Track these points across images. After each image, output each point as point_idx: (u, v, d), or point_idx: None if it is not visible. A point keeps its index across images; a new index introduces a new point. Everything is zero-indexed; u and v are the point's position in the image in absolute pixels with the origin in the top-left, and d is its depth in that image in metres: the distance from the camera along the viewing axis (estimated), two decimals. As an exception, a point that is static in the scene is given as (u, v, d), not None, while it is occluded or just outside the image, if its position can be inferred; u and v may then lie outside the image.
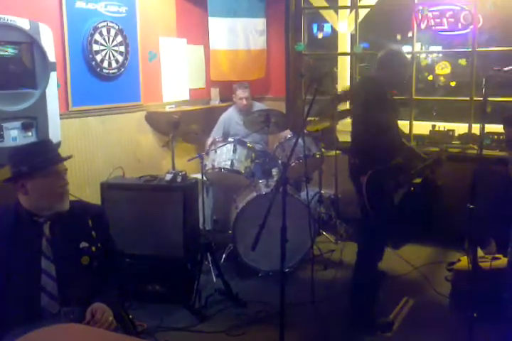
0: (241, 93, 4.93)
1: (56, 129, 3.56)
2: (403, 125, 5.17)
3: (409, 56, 5.19)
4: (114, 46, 4.34)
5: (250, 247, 2.45)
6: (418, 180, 4.85)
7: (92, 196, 3.58)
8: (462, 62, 6.75)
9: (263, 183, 4.25)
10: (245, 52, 5.57)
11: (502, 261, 3.38)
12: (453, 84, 7.09)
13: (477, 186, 2.75)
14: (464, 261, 3.60)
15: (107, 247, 2.35)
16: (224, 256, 4.24)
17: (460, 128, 5.20)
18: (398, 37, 7.50)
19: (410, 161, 3.51)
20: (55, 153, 2.28)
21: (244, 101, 4.92)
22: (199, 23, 5.28)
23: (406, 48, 6.55)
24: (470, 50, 4.91)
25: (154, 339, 3.10)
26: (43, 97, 3.47)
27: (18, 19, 3.31)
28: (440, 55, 7.14)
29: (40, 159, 2.18)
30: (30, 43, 3.41)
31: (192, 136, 4.19)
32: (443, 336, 3.15)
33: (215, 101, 5.51)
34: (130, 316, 2.35)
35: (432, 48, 7.14)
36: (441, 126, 5.28)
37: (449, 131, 5.21)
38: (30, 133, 3.39)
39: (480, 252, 3.62)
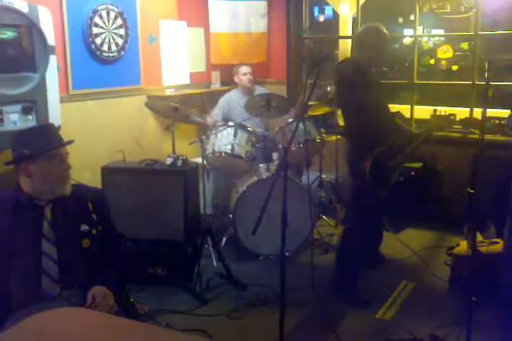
0: (244, 69, 4.90)
1: (56, 113, 3.55)
2: (404, 109, 5.18)
3: (411, 40, 5.17)
4: (113, 29, 4.30)
5: (251, 231, 2.46)
6: (418, 165, 4.87)
7: (93, 180, 3.57)
8: (464, 45, 6.70)
9: (264, 167, 4.25)
10: (246, 35, 5.52)
11: (501, 245, 3.40)
12: (455, 68, 7.04)
13: (478, 171, 2.75)
14: (463, 246, 3.61)
15: (107, 230, 2.37)
16: (224, 239, 4.26)
17: (461, 112, 5.18)
18: (400, 20, 7.43)
19: (404, 141, 3.50)
20: (57, 137, 2.28)
21: (249, 76, 4.88)
22: (199, 5, 5.22)
23: (408, 31, 6.51)
24: (472, 33, 4.87)
25: (155, 322, 3.13)
26: (42, 81, 3.45)
27: (16, 1, 3.27)
28: (442, 38, 7.09)
29: (43, 142, 2.18)
30: (29, 26, 3.37)
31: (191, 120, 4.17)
32: (442, 320, 3.16)
33: (216, 85, 5.48)
34: (131, 299, 2.37)
35: (434, 32, 7.09)
36: (443, 110, 5.26)
37: (450, 115, 5.19)
38: (30, 117, 3.38)
39: (479, 236, 3.64)
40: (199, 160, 4.17)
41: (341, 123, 4.95)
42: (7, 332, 1.59)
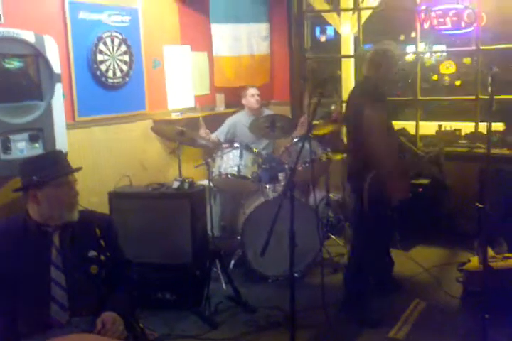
0: (252, 90, 4.92)
1: (63, 140, 3.59)
2: (409, 126, 5.19)
3: (413, 56, 5.20)
4: (118, 55, 4.36)
5: (259, 253, 2.45)
6: (426, 181, 4.85)
7: (100, 205, 3.59)
8: (467, 60, 6.74)
9: (270, 188, 4.25)
10: (249, 58, 5.58)
11: (513, 260, 3.37)
12: (458, 83, 7.07)
13: (486, 185, 2.75)
14: (474, 262, 3.58)
15: (115, 256, 2.36)
16: (233, 262, 4.24)
17: (467, 127, 5.18)
18: (402, 37, 7.50)
19: (409, 160, 3.51)
20: (66, 164, 2.30)
21: (257, 98, 4.89)
22: (202, 29, 5.29)
23: (410, 48, 6.55)
24: (474, 48, 4.89)
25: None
26: (49, 109, 3.50)
27: (23, 32, 3.34)
28: (444, 54, 7.13)
29: (52, 169, 2.20)
30: (36, 55, 3.43)
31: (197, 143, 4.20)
32: (455, 338, 3.12)
33: (221, 108, 5.52)
34: (140, 325, 2.36)
35: (436, 48, 7.14)
36: (448, 125, 5.27)
37: (455, 130, 5.20)
38: (37, 145, 3.42)
39: (490, 252, 3.60)
40: (205, 182, 4.18)
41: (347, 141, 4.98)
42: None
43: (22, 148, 3.33)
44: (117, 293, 2.27)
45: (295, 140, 4.47)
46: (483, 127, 4.84)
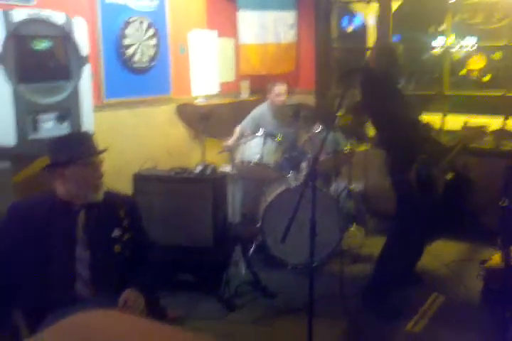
0: (278, 89, 4.84)
1: (90, 121, 3.62)
2: (434, 120, 5.13)
3: (441, 49, 5.13)
4: (145, 40, 4.38)
5: (280, 239, 2.46)
6: (450, 175, 4.79)
7: (124, 187, 3.62)
8: (497, 55, 6.61)
9: (292, 177, 4.24)
10: (275, 46, 5.55)
11: (536, 258, 3.31)
12: (487, 78, 6.95)
13: (510, 182, 2.71)
14: (496, 259, 3.54)
15: (138, 236, 2.40)
16: (253, 248, 4.26)
17: (494, 122, 5.10)
18: (431, 29, 7.38)
19: (438, 153, 3.48)
20: (92, 145, 2.33)
21: (282, 97, 4.85)
22: (229, 16, 5.27)
23: (439, 40, 6.46)
24: (505, 43, 4.81)
25: (184, 327, 3.14)
26: (76, 90, 3.53)
27: (53, 13, 3.37)
28: (474, 48, 7.01)
29: (79, 149, 2.23)
30: (65, 37, 3.46)
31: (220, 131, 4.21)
32: (473, 335, 3.09)
33: (245, 95, 5.51)
34: (161, 304, 2.39)
35: (466, 41, 7.01)
36: (474, 121, 5.18)
37: (481, 126, 5.11)
38: (64, 125, 3.45)
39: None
40: (228, 168, 4.19)
41: (371, 132, 4.95)
42: (42, 334, 1.61)
43: (50, 127, 3.36)
44: (139, 273, 2.31)
45: (318, 129, 4.45)
46: (511, 123, 4.77)
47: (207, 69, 5.10)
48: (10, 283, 2.15)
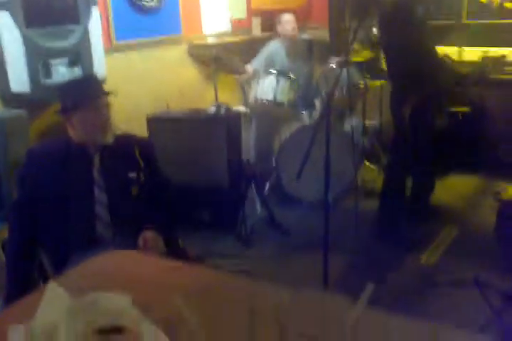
0: (287, 17, 4.66)
1: (101, 64, 3.59)
2: (452, 51, 4.99)
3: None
4: (153, -23, 4.25)
5: (295, 175, 2.49)
6: (467, 108, 4.73)
7: (139, 130, 3.65)
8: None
9: (306, 114, 4.23)
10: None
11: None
12: (509, 5, 6.65)
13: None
14: (511, 191, 3.55)
15: (155, 176, 2.43)
16: (267, 186, 4.32)
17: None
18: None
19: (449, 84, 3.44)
20: (96, 87, 2.33)
21: (292, 25, 4.64)
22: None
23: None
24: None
25: (204, 265, 3.25)
26: (86, 32, 3.47)
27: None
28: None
29: (84, 93, 2.25)
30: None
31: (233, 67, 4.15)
32: (487, 267, 3.13)
33: (257, 32, 5.39)
34: (181, 243, 2.48)
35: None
36: (494, 51, 5.04)
37: (502, 56, 4.97)
38: (76, 69, 3.43)
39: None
40: (242, 108, 4.18)
41: (385, 67, 4.85)
42: (67, 274, 1.70)
43: (62, 72, 3.34)
44: (157, 213, 2.36)
45: (332, 65, 4.37)
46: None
47: (217, 6, 4.97)
48: (34, 226, 2.23)
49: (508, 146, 4.42)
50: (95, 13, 3.52)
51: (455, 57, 4.96)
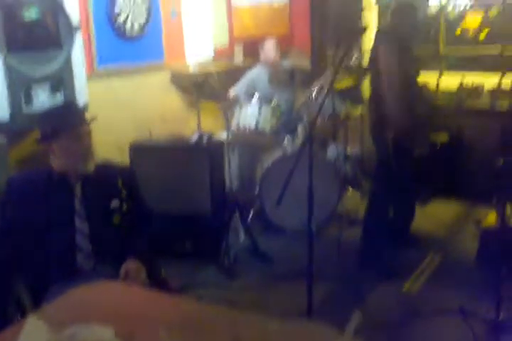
0: (269, 43, 4.72)
1: (83, 90, 3.59)
2: (430, 78, 5.08)
3: (437, 6, 5.05)
4: (136, 5, 4.28)
5: (275, 202, 2.48)
6: (445, 136, 4.80)
7: (121, 158, 3.62)
8: (493, 12, 6.49)
9: (289, 142, 4.24)
10: (268, 7, 5.46)
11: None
12: (483, 35, 6.84)
13: (507, 141, 2.73)
14: (491, 218, 3.58)
15: (137, 206, 2.40)
16: (251, 214, 4.29)
17: (489, 81, 5.05)
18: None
19: (431, 114, 3.51)
20: (77, 115, 2.32)
21: (274, 51, 4.72)
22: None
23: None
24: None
25: (186, 295, 3.19)
26: (68, 59, 3.48)
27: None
28: (470, 5, 6.88)
29: (65, 121, 2.22)
30: (54, 4, 3.38)
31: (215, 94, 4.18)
32: (470, 293, 3.14)
33: (239, 59, 5.44)
34: (162, 273, 2.43)
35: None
36: (469, 82, 5.14)
37: (477, 86, 5.08)
38: (57, 96, 3.42)
39: (509, 208, 3.60)
40: (224, 135, 4.18)
41: (367, 95, 4.92)
42: (47, 307, 1.66)
43: (43, 99, 3.33)
44: (140, 242, 2.33)
45: (314, 93, 4.41)
46: (507, 82, 4.73)
47: (200, 34, 5.02)
48: (13, 256, 2.18)
49: (487, 174, 4.48)
50: (78, 39, 3.53)
51: (432, 85, 5.05)
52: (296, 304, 2.68)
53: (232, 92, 4.75)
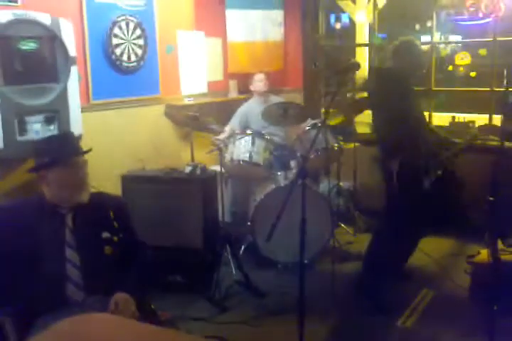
0: (259, 76, 4.88)
1: (77, 122, 3.61)
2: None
3: (428, 46, 5.17)
4: (133, 39, 4.36)
5: (266, 237, 2.46)
6: (439, 173, 4.83)
7: (113, 188, 3.62)
8: (482, 52, 6.67)
9: (281, 175, 4.26)
10: (262, 44, 5.57)
11: (524, 253, 3.36)
12: (473, 74, 7.01)
13: (498, 178, 2.74)
14: (484, 254, 3.58)
15: (129, 237, 2.39)
16: (243, 247, 4.27)
17: (480, 119, 5.15)
18: (417, 27, 7.44)
19: (436, 148, 3.54)
20: (74, 146, 2.32)
21: (264, 83, 4.86)
22: (217, 15, 5.27)
23: (425, 38, 6.50)
24: (491, 39, 4.84)
25: (176, 328, 3.14)
26: (64, 91, 3.52)
27: (39, 14, 3.35)
28: (460, 44, 7.07)
29: (61, 151, 2.23)
30: (51, 38, 3.44)
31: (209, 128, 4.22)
32: (462, 329, 3.13)
33: (233, 94, 5.52)
34: (152, 306, 2.40)
35: (452, 38, 7.07)
36: (461, 117, 5.23)
37: (469, 122, 5.16)
38: (52, 127, 3.44)
39: (500, 245, 3.60)
40: (217, 168, 4.19)
41: (360, 130, 4.99)
42: (35, 338, 1.62)
43: (37, 129, 3.35)
44: (130, 274, 2.30)
45: (307, 128, 4.47)
46: (497, 120, 4.81)
47: (195, 69, 5.10)
48: (0, 286, 2.14)
49: (479, 210, 4.49)
50: (74, 72, 3.57)
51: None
52: (287, 338, 2.63)
53: (227, 127, 4.80)
